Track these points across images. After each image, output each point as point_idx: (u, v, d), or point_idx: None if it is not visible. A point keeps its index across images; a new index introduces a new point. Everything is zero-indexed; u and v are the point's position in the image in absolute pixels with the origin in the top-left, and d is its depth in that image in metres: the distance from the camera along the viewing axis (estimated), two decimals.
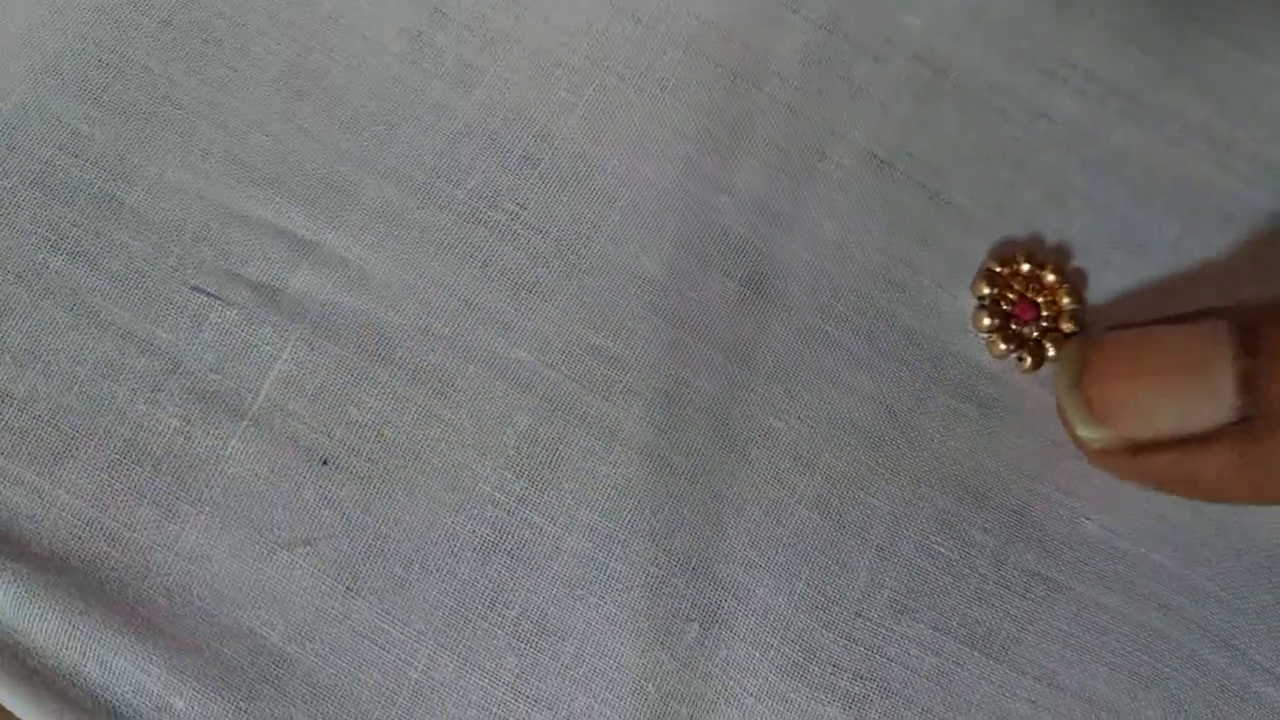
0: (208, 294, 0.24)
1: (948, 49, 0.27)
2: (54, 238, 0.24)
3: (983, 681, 0.24)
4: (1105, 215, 0.26)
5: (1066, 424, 0.24)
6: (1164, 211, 0.26)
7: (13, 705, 0.22)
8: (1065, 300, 0.26)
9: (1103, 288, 0.26)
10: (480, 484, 0.24)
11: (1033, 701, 0.24)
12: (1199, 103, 0.27)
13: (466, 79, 0.26)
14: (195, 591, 0.23)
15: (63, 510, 0.23)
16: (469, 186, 0.25)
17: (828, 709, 0.24)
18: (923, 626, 0.24)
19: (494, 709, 0.23)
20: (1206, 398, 0.22)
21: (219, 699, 0.23)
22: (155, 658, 0.23)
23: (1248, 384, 0.22)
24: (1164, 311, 0.24)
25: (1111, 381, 0.23)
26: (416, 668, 0.23)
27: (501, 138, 0.25)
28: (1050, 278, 0.26)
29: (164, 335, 0.24)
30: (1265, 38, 0.27)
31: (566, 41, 0.26)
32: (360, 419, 0.24)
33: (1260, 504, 0.24)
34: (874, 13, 0.27)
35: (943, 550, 0.24)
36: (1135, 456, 0.23)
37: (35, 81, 0.25)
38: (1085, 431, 0.24)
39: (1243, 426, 0.22)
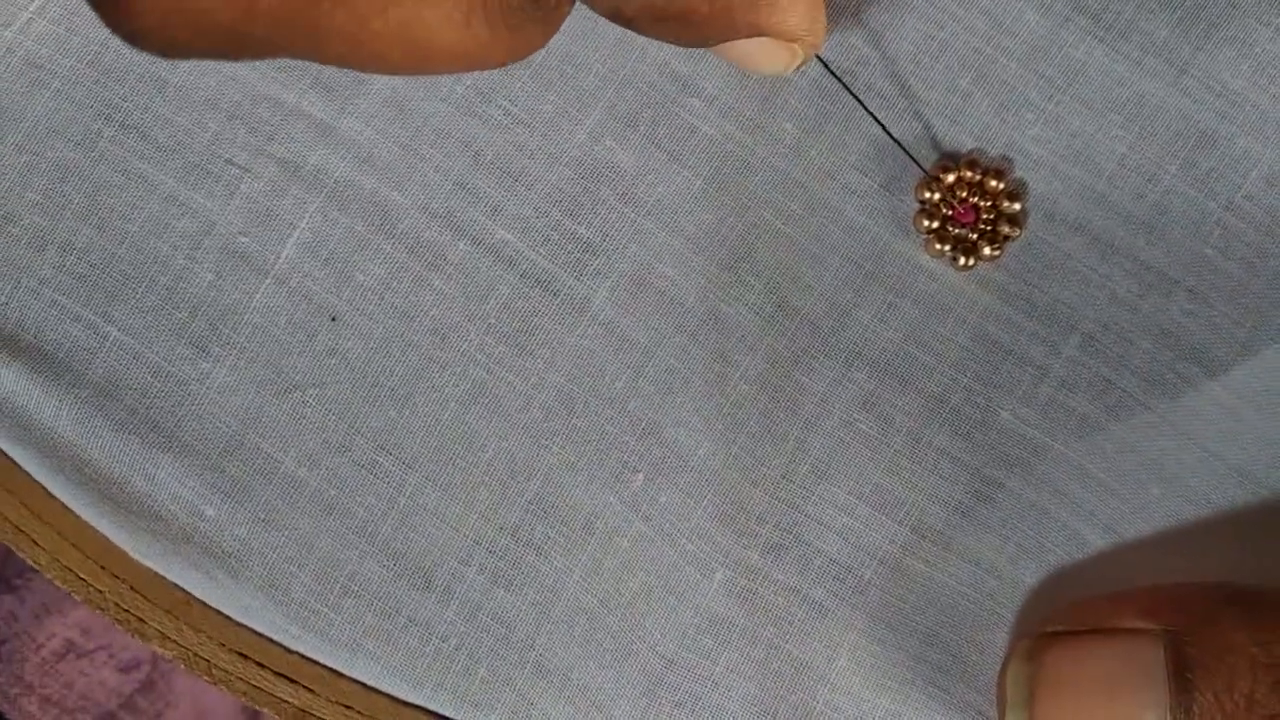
0: (239, 166, 0.28)
1: None
2: (107, 111, 0.28)
3: (884, 540, 0.28)
4: (1056, 127, 0.28)
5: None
6: (1115, 127, 0.28)
7: (72, 504, 0.28)
8: (1005, 204, 0.28)
9: (1046, 196, 0.28)
10: (464, 345, 0.28)
11: (927, 561, 0.28)
12: (1160, 22, 0.28)
13: None
14: (223, 420, 0.28)
15: (114, 345, 0.28)
16: (467, 82, 0.28)
17: (749, 553, 0.28)
18: (839, 491, 0.28)
19: (466, 532, 0.28)
20: None
21: (242, 509, 0.28)
22: (190, 473, 0.28)
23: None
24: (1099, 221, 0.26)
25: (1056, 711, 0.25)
26: (405, 494, 0.28)
27: None
28: (993, 183, 0.28)
29: (201, 200, 0.28)
30: None
31: None
32: (365, 283, 0.28)
33: None
34: None
35: (864, 427, 0.28)
36: None
37: None
38: None
39: None
